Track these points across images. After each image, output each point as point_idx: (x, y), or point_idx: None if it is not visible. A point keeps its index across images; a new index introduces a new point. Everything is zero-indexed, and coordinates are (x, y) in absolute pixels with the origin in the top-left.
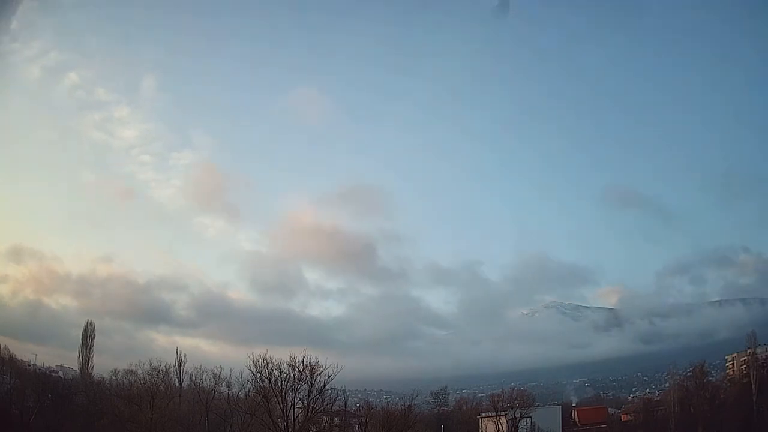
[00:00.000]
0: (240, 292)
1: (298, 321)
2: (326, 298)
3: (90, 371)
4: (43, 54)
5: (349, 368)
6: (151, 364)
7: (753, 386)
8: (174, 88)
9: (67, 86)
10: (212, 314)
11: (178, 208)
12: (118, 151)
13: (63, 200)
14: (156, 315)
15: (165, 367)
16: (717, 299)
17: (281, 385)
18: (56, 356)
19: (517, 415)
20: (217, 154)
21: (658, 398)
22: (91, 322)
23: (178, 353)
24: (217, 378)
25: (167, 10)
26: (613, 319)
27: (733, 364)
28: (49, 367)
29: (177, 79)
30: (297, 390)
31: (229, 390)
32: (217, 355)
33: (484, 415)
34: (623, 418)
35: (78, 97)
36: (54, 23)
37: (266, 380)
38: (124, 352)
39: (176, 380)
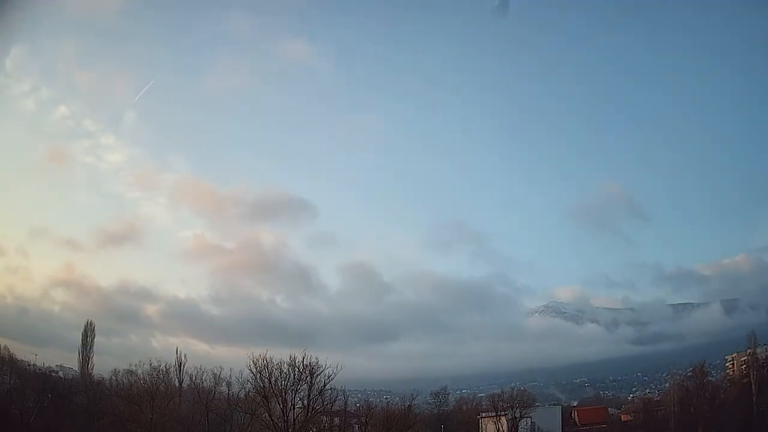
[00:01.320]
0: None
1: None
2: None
3: (90, 371)
4: (35, 90)
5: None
6: (151, 364)
7: (753, 386)
8: (152, 119)
9: (58, 117)
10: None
11: (162, 223)
12: (107, 174)
13: (57, 217)
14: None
15: (165, 367)
16: (717, 300)
17: (281, 385)
18: (56, 356)
19: (517, 415)
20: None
21: (658, 398)
22: (90, 322)
23: (178, 353)
24: (217, 378)
25: (142, 53)
26: (613, 319)
27: (733, 364)
28: (49, 367)
29: (155, 111)
30: (297, 390)
31: (229, 390)
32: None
33: (484, 415)
34: (623, 418)
35: (68, 126)
36: (43, 63)
37: (266, 380)
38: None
39: (176, 380)
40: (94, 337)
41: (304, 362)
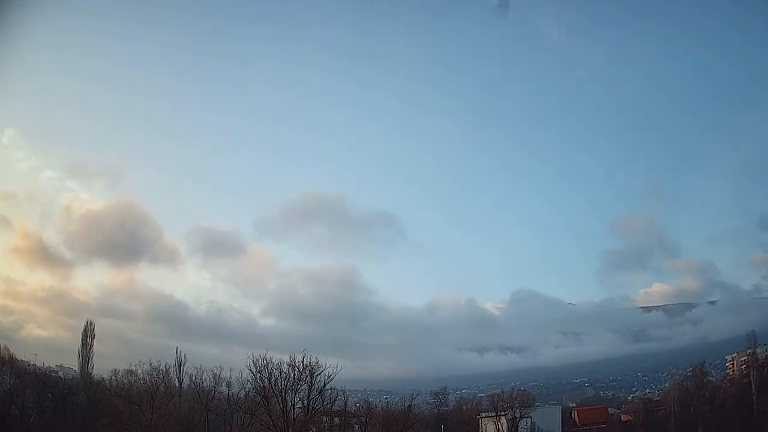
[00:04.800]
0: None
1: None
2: None
3: (90, 371)
4: (26, 159)
5: None
6: (151, 364)
7: (753, 386)
8: (119, 185)
9: (47, 178)
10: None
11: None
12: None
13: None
14: None
15: (165, 367)
16: (717, 299)
17: (281, 385)
18: (56, 356)
19: (517, 415)
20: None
21: (658, 398)
22: (90, 322)
23: (178, 353)
24: (217, 378)
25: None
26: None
27: (733, 364)
28: (49, 367)
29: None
30: (297, 390)
31: (229, 390)
32: None
33: (484, 415)
34: (623, 418)
35: (54, 185)
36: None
37: (266, 380)
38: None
39: (176, 380)
40: (93, 338)
41: (304, 362)
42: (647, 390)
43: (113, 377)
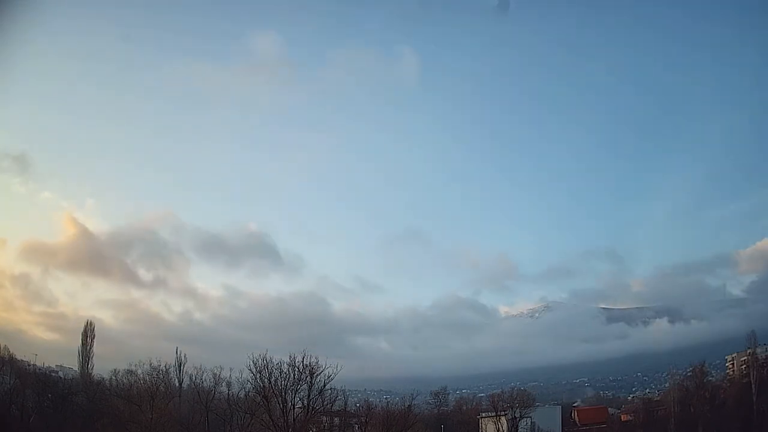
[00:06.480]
0: None
1: None
2: None
3: (90, 371)
4: (24, 183)
5: None
6: (151, 364)
7: (753, 386)
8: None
9: (45, 198)
10: None
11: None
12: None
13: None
14: None
15: (165, 367)
16: (718, 299)
17: (281, 385)
18: (56, 356)
19: (517, 415)
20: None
21: (658, 398)
22: (90, 322)
23: (178, 353)
24: (217, 378)
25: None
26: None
27: (733, 364)
28: (49, 367)
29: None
30: (297, 390)
31: (229, 390)
32: None
33: (484, 415)
34: (623, 418)
35: (50, 204)
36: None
37: (266, 380)
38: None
39: (176, 380)
40: (93, 338)
41: (304, 362)
42: (647, 390)
43: (113, 377)
